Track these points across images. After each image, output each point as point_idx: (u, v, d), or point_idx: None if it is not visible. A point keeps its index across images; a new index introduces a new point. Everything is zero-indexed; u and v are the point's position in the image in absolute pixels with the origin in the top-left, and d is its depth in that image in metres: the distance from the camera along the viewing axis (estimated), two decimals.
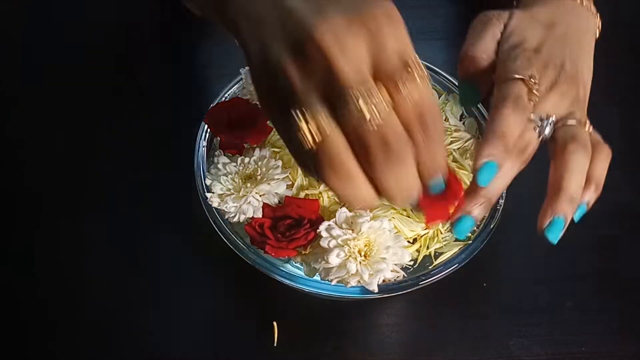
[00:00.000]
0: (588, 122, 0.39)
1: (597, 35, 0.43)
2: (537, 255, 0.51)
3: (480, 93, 0.42)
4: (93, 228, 0.51)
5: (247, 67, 0.46)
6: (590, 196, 0.38)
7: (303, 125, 0.27)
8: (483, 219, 0.44)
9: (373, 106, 0.27)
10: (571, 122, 0.38)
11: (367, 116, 0.27)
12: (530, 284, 0.49)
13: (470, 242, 0.43)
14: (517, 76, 0.38)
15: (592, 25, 0.43)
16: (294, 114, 0.27)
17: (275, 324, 0.47)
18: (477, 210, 0.36)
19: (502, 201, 0.45)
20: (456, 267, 0.42)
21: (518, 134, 0.37)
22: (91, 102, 0.59)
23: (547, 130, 0.38)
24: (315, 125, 0.27)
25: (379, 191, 0.29)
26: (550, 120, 0.38)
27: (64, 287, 0.49)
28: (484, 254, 0.43)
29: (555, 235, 0.37)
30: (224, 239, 0.42)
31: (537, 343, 0.47)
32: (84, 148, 0.56)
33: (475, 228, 0.43)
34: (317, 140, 0.27)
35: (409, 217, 0.43)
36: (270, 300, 0.47)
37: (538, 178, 0.55)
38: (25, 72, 0.61)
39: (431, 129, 0.28)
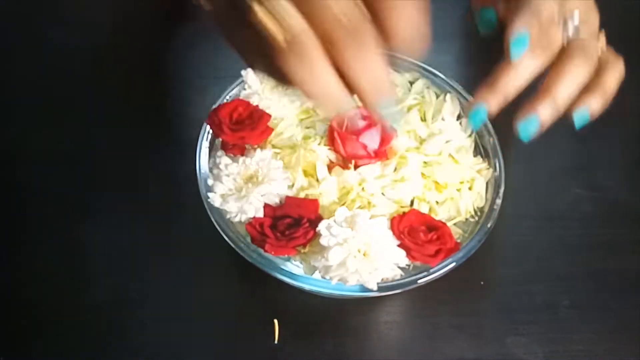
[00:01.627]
0: (603, 37, 0.39)
1: None
2: (534, 254, 0.51)
3: (496, 13, 0.42)
4: (93, 228, 0.51)
5: (248, 69, 0.47)
6: (595, 102, 0.38)
7: (271, 24, 0.26)
8: (481, 215, 0.44)
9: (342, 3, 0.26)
10: (584, 36, 0.37)
11: (338, 14, 0.26)
12: (527, 283, 0.50)
13: (468, 240, 0.44)
14: None
15: None
16: (259, 12, 0.26)
17: (276, 321, 0.47)
18: (491, 98, 0.36)
19: (499, 200, 0.45)
20: (454, 265, 0.42)
21: (547, 18, 0.36)
22: (91, 103, 0.59)
23: (571, 30, 0.37)
24: (285, 23, 0.26)
25: (350, 87, 0.28)
26: (575, 19, 0.37)
27: (62, 287, 0.49)
28: (482, 253, 0.44)
29: (525, 133, 0.37)
30: (225, 238, 0.43)
31: (534, 341, 0.47)
32: (84, 148, 0.56)
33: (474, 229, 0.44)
34: (287, 37, 0.26)
35: None
36: (271, 298, 0.48)
37: (536, 178, 0.56)
38: (25, 73, 0.62)
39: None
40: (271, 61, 0.28)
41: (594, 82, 0.37)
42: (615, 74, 0.38)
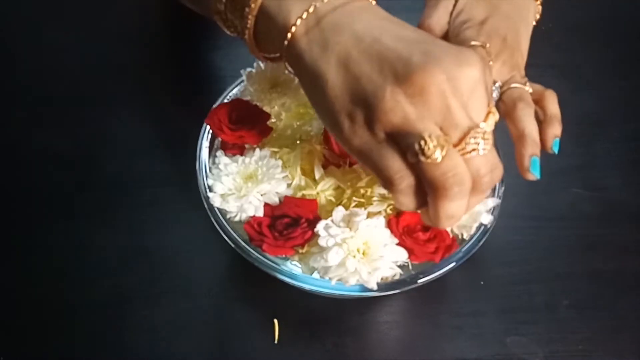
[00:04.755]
0: (527, 81, 0.44)
1: (537, 17, 0.48)
2: (533, 254, 0.51)
3: None
4: (93, 228, 0.52)
5: (248, 69, 0.47)
6: (558, 130, 0.43)
7: (430, 143, 0.30)
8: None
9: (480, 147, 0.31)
10: (514, 85, 0.43)
11: (474, 154, 0.31)
12: (527, 283, 0.50)
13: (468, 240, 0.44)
14: (473, 43, 0.43)
15: (532, 7, 0.47)
16: (419, 135, 0.30)
17: (276, 321, 0.47)
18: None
19: (499, 201, 0.45)
20: (454, 265, 0.42)
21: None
22: (92, 103, 0.59)
23: (495, 94, 0.43)
24: (438, 144, 0.30)
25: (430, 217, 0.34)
26: (496, 85, 0.43)
27: (62, 287, 0.49)
28: (481, 253, 0.44)
29: (538, 171, 0.41)
30: (226, 238, 0.43)
31: (534, 341, 0.47)
32: (84, 148, 0.56)
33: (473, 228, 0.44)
34: (441, 156, 0.30)
35: None
36: (271, 298, 0.48)
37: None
38: (25, 73, 0.62)
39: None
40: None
41: (546, 115, 0.43)
42: (555, 102, 0.44)
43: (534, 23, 0.48)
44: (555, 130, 0.43)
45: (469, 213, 0.43)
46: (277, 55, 0.36)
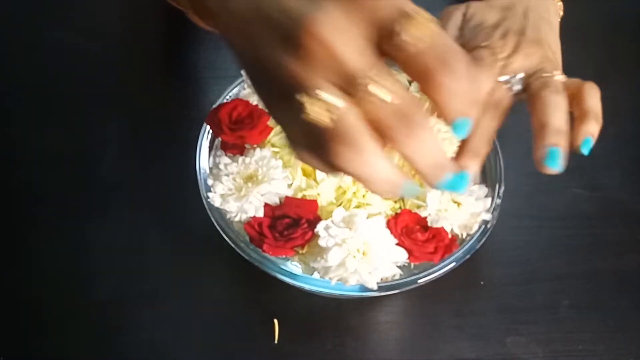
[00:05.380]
0: (561, 73, 0.41)
1: (561, 14, 0.46)
2: (534, 254, 0.51)
3: None
4: (93, 228, 0.51)
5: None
6: (593, 127, 0.38)
7: (313, 106, 0.26)
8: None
9: (386, 88, 0.26)
10: (545, 74, 0.40)
11: (383, 98, 0.26)
12: (527, 283, 0.50)
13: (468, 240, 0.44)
14: (479, 45, 0.41)
15: (551, 6, 0.45)
16: (299, 98, 0.26)
17: (275, 321, 0.47)
18: (471, 163, 0.36)
19: (499, 200, 0.45)
20: (454, 265, 0.42)
21: (487, 90, 0.39)
22: (92, 104, 0.59)
23: (517, 86, 0.40)
24: (325, 105, 0.26)
25: (413, 168, 0.28)
26: (518, 77, 0.40)
27: (62, 287, 0.49)
28: (481, 253, 0.44)
29: (555, 164, 0.37)
30: (226, 238, 0.43)
31: (534, 341, 0.47)
32: (84, 148, 0.56)
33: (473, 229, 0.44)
34: (329, 118, 0.26)
35: None
36: (271, 298, 0.48)
37: (535, 178, 0.56)
38: (25, 73, 0.62)
39: (453, 66, 0.26)
40: (319, 151, 0.27)
41: (581, 110, 0.39)
42: (595, 96, 0.39)
43: (559, 20, 0.46)
44: (588, 127, 0.38)
45: (469, 213, 0.43)
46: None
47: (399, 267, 0.41)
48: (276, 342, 0.46)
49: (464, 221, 0.43)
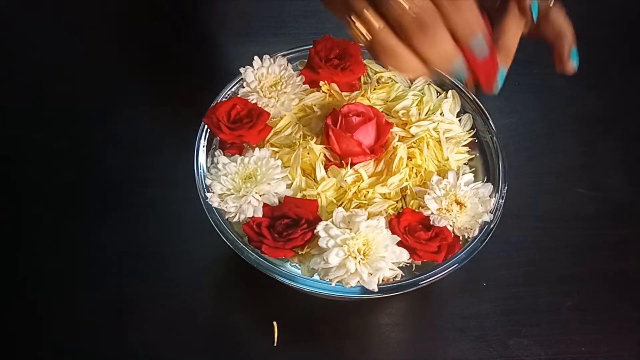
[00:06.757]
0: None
1: None
2: (536, 255, 0.51)
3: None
4: (92, 228, 0.51)
5: (246, 67, 0.46)
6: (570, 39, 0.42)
7: (356, 27, 0.34)
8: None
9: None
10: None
11: (404, 6, 0.32)
12: (529, 284, 0.49)
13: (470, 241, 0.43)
14: None
15: None
16: (347, 19, 0.34)
17: (275, 323, 0.47)
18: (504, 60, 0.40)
19: (501, 201, 0.45)
20: (456, 267, 0.41)
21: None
22: (91, 103, 0.59)
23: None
24: (365, 25, 0.34)
25: (425, 62, 0.35)
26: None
27: (62, 287, 0.49)
28: (484, 254, 0.43)
29: (577, 59, 0.41)
30: (224, 238, 0.42)
31: (537, 343, 0.47)
32: (84, 148, 0.56)
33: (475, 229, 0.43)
34: (367, 37, 0.34)
35: None
36: (270, 299, 0.48)
37: (538, 178, 0.56)
38: (25, 73, 0.61)
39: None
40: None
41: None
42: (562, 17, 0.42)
43: None
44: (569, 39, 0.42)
45: (470, 214, 0.42)
46: None
47: (400, 268, 0.41)
48: (276, 344, 0.46)
49: (465, 223, 0.42)
